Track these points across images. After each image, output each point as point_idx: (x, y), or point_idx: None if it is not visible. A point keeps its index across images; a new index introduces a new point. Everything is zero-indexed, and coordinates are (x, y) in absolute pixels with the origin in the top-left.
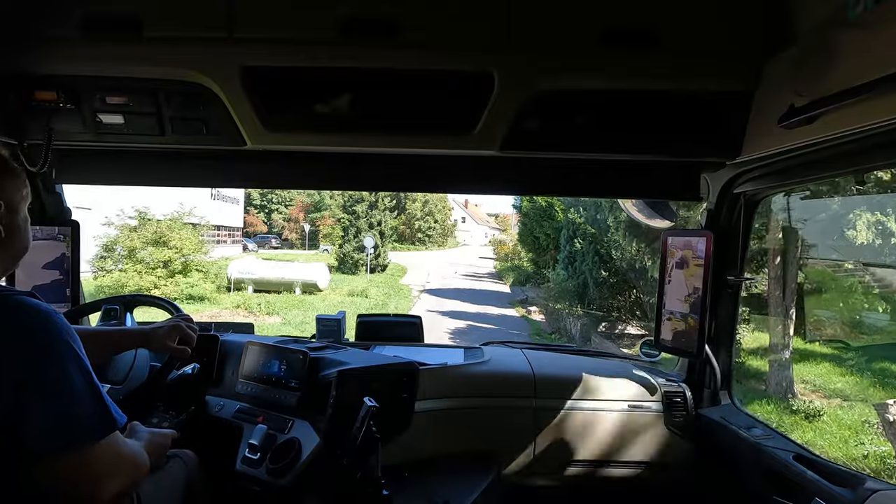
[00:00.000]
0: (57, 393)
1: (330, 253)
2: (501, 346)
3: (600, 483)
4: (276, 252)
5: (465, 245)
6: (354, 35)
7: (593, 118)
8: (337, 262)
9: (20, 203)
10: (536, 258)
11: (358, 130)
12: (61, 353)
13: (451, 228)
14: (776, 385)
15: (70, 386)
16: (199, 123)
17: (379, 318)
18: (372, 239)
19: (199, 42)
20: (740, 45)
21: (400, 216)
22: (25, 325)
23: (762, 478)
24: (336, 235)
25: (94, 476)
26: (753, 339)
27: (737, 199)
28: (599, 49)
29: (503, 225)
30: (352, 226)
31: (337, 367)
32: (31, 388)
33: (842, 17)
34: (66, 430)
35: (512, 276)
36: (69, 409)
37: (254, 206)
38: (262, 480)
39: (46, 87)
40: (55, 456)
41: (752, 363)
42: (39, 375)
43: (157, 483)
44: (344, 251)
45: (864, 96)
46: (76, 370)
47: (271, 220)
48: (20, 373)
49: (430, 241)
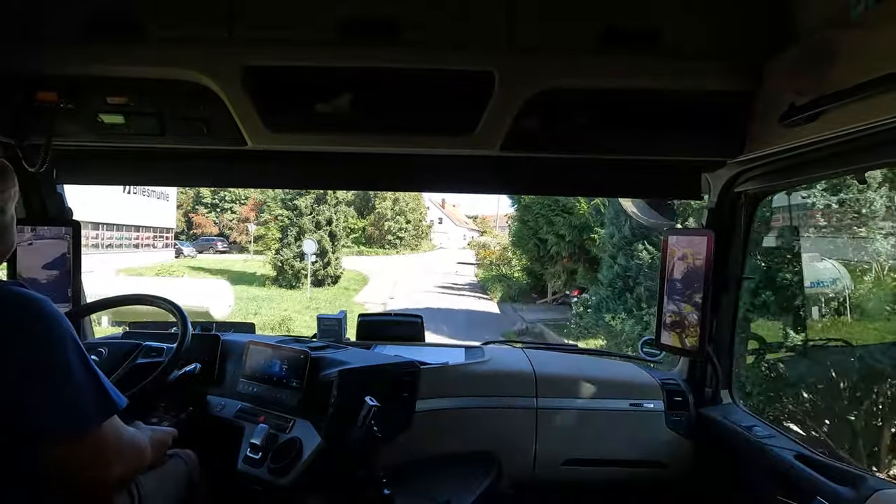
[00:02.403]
0: (56, 378)
1: (265, 261)
2: (502, 345)
3: (601, 483)
4: (222, 257)
5: (441, 248)
6: (355, 35)
7: (594, 118)
8: (275, 271)
9: (7, 202)
10: (539, 268)
11: (359, 130)
12: (58, 339)
13: (427, 230)
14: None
15: (69, 371)
16: (199, 123)
17: (380, 318)
18: (314, 242)
19: (199, 42)
20: (742, 44)
21: (368, 216)
22: (22, 314)
23: (764, 477)
24: (272, 238)
25: (98, 460)
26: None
27: (738, 198)
28: (600, 49)
29: (482, 227)
30: (293, 225)
31: (338, 366)
32: (33, 374)
33: (843, 16)
34: (67, 415)
35: (500, 289)
36: (69, 394)
37: (204, 206)
38: (263, 480)
39: (47, 87)
40: (58, 440)
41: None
42: (39, 361)
43: (157, 481)
44: (282, 258)
45: (865, 95)
46: (74, 355)
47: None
48: (21, 359)
49: (402, 243)
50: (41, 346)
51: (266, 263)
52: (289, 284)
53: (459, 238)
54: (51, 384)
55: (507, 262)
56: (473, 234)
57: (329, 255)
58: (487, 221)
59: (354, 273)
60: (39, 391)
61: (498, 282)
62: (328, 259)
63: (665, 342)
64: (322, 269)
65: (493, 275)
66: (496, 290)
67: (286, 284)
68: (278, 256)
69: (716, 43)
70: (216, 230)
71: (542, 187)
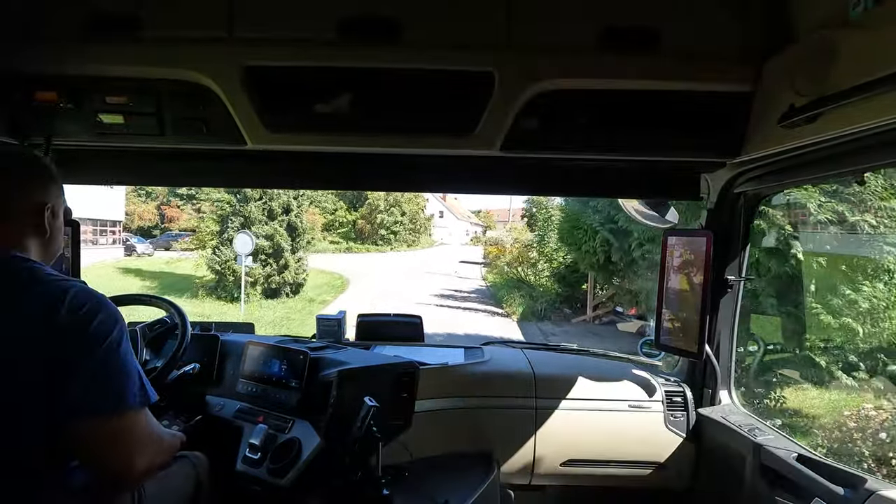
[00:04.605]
0: (105, 359)
1: (198, 259)
2: (502, 345)
3: (600, 483)
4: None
5: (442, 244)
6: (355, 35)
7: (594, 118)
8: (215, 276)
9: (60, 209)
10: (603, 278)
11: (358, 130)
12: (112, 330)
13: (426, 224)
14: None
15: (117, 356)
16: (199, 123)
17: (379, 318)
18: (249, 238)
19: (199, 42)
20: (741, 45)
21: (360, 209)
22: (89, 303)
23: (763, 478)
24: (206, 232)
25: (127, 447)
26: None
27: (737, 198)
28: (600, 49)
29: (487, 221)
30: (236, 214)
31: (337, 366)
32: (89, 350)
33: (842, 17)
34: (110, 393)
35: (518, 300)
36: (114, 375)
37: (179, 197)
38: (262, 480)
39: (47, 87)
40: (97, 416)
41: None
42: (91, 344)
43: (162, 483)
44: (220, 259)
45: (864, 96)
46: (125, 345)
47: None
48: (82, 337)
49: (397, 239)
50: (95, 332)
51: (200, 265)
52: (230, 296)
53: (462, 233)
54: (98, 362)
55: (532, 264)
56: (477, 228)
57: (286, 255)
58: (492, 216)
59: (330, 276)
60: (86, 365)
61: (515, 290)
62: (284, 261)
63: (665, 342)
64: (276, 274)
65: (507, 280)
66: (513, 301)
67: (226, 296)
68: (216, 257)
69: (715, 43)
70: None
71: (543, 187)
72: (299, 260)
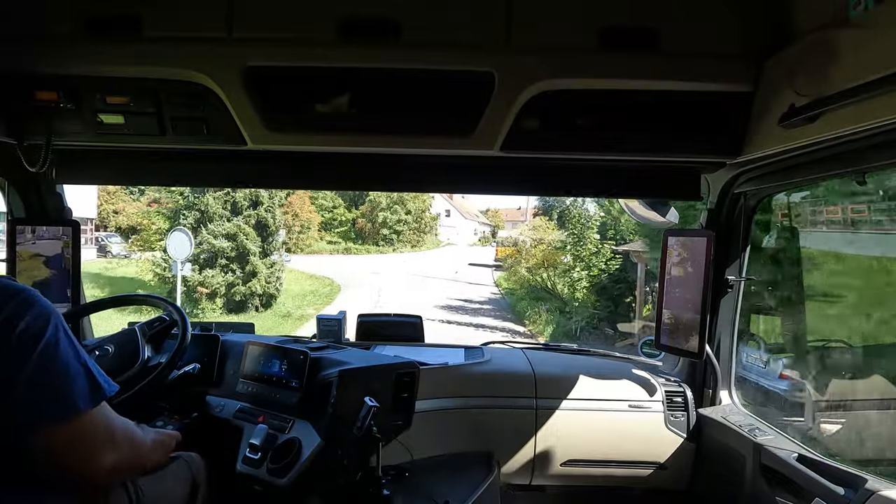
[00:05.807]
0: (45, 365)
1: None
2: (502, 346)
3: (600, 483)
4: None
5: (449, 244)
6: (355, 35)
7: (594, 118)
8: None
9: None
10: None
11: (358, 131)
12: (45, 329)
13: (432, 222)
14: None
15: (55, 358)
16: (199, 123)
17: (379, 318)
18: (186, 236)
19: (199, 42)
20: (741, 45)
21: (361, 206)
22: (11, 303)
23: (763, 478)
24: (149, 230)
25: (88, 448)
26: None
27: (737, 199)
28: (600, 49)
29: (495, 220)
30: (189, 208)
31: (337, 366)
32: (21, 361)
33: (842, 17)
34: (55, 401)
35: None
36: (57, 380)
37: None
38: (262, 480)
39: (47, 86)
40: (46, 427)
41: None
42: (28, 349)
43: (158, 482)
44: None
45: (864, 96)
46: (63, 343)
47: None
48: (9, 348)
49: (400, 239)
50: (28, 335)
51: (146, 270)
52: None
53: (469, 233)
54: (38, 370)
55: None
56: (486, 228)
57: (252, 260)
58: (500, 215)
59: (319, 282)
60: (26, 377)
61: (538, 302)
62: (251, 267)
63: (665, 343)
64: (240, 283)
65: (528, 289)
66: (538, 317)
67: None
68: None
69: (715, 43)
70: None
71: (542, 187)
72: (272, 265)
